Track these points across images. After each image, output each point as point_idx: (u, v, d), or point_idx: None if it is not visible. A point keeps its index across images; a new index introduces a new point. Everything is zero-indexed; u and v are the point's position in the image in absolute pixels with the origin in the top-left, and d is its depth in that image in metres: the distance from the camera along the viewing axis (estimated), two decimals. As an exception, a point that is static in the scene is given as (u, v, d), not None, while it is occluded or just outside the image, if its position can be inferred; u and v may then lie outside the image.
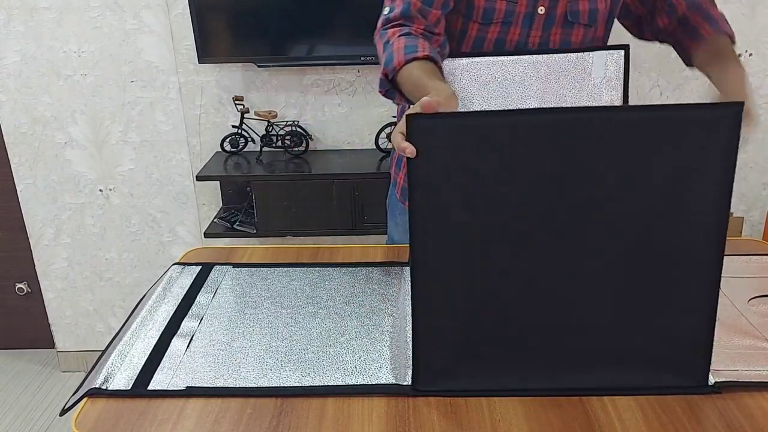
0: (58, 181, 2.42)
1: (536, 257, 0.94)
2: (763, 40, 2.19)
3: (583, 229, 0.92)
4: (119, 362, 1.01)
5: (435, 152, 0.89)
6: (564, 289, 0.95)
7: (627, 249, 0.92)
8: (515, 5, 1.21)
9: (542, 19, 1.23)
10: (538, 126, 0.87)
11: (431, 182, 0.92)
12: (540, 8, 1.21)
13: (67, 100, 2.31)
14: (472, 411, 0.90)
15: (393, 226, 1.53)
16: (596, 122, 0.87)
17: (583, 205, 0.91)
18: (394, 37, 1.16)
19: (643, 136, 0.86)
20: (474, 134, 0.88)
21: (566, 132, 0.87)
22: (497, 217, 0.92)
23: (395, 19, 1.18)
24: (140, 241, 2.51)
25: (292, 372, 0.98)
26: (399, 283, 1.21)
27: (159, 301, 1.18)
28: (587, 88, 1.19)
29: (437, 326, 0.95)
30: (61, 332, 2.67)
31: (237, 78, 2.27)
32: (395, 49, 1.13)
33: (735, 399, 0.91)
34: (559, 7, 1.22)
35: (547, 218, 0.92)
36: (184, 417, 0.90)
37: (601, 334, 0.95)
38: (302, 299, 1.17)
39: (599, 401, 0.91)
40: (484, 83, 1.18)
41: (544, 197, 0.91)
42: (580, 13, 1.23)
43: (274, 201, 2.17)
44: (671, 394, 0.92)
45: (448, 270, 0.95)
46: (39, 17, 2.21)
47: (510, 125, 0.88)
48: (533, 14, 1.22)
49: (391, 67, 1.12)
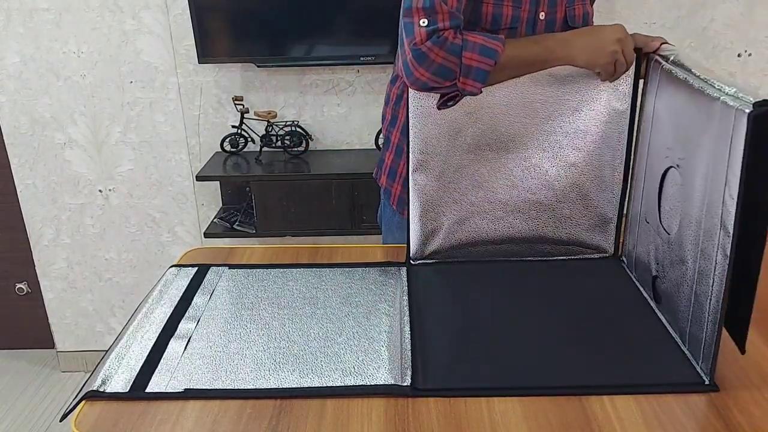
0: (57, 181, 2.42)
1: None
2: (761, 39, 2.19)
3: None
4: (116, 365, 1.01)
5: None
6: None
7: None
8: (520, 10, 1.23)
9: (543, 24, 1.25)
10: None
11: None
12: (541, 14, 1.24)
13: (66, 101, 2.31)
14: (471, 411, 0.90)
15: (390, 241, 1.50)
16: None
17: None
18: (458, 37, 1.15)
19: None
20: None
21: None
22: None
23: (445, 29, 1.16)
24: (140, 241, 2.51)
25: (290, 373, 0.98)
26: (397, 284, 1.21)
27: (156, 303, 1.18)
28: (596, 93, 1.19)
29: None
30: (61, 332, 2.67)
31: (236, 78, 2.27)
32: (480, 41, 1.14)
33: (734, 398, 0.91)
34: (558, 12, 1.26)
35: None
36: (183, 417, 0.90)
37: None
38: (299, 300, 1.17)
39: (598, 401, 0.91)
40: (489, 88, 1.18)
41: None
42: (576, 17, 1.28)
43: (274, 201, 2.17)
44: (670, 392, 0.92)
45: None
46: (38, 18, 2.21)
47: None
48: (535, 20, 1.25)
49: (496, 55, 1.14)
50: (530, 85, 1.19)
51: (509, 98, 1.19)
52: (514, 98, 1.19)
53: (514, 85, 1.18)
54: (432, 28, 1.16)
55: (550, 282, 1.14)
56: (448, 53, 1.15)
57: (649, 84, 1.15)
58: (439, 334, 0.97)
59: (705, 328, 0.93)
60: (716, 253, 0.89)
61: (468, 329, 0.97)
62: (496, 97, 1.19)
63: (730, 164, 0.85)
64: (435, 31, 1.16)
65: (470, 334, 0.96)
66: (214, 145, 2.34)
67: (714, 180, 0.90)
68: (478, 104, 1.19)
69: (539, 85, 1.19)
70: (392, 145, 1.42)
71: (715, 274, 0.90)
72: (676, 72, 1.04)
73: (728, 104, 0.86)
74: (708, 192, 0.91)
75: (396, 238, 1.46)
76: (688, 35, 2.19)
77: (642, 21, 2.17)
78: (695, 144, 0.95)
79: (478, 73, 1.15)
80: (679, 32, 2.18)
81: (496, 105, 1.19)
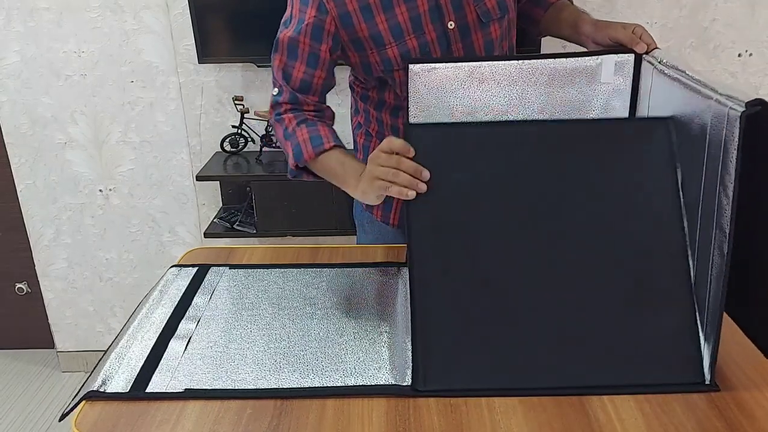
0: (58, 181, 2.42)
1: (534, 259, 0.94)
2: (762, 39, 2.19)
3: (575, 230, 0.94)
4: (117, 365, 1.01)
5: (430, 157, 0.98)
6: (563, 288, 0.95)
7: (627, 250, 0.92)
8: (424, 35, 1.24)
9: (456, 33, 1.25)
10: (509, 135, 1.03)
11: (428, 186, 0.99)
12: (449, 23, 1.24)
13: (67, 101, 2.31)
14: (472, 411, 0.90)
15: (363, 235, 1.55)
16: (558, 132, 1.05)
17: (570, 208, 0.98)
18: (292, 124, 1.24)
19: (601, 144, 1.02)
20: (462, 141, 1.01)
21: (534, 141, 1.02)
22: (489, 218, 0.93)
23: (284, 103, 1.26)
24: (140, 241, 2.51)
25: (290, 373, 0.98)
26: (397, 284, 1.21)
27: (156, 303, 1.18)
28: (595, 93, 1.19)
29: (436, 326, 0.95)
30: (61, 332, 2.67)
31: (237, 78, 2.27)
32: (301, 141, 1.21)
33: (734, 397, 0.91)
34: (468, 15, 1.25)
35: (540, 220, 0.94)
36: (183, 417, 0.90)
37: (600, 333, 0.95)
38: (299, 300, 1.17)
39: (599, 401, 0.91)
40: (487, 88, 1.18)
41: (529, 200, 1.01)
42: (490, 11, 1.26)
43: (274, 201, 2.17)
44: (671, 392, 0.91)
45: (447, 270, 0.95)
46: (39, 18, 2.21)
47: (483, 134, 1.03)
48: (445, 32, 1.25)
49: (301, 160, 1.21)
50: (530, 85, 1.18)
51: (509, 98, 1.19)
52: (514, 98, 1.19)
53: (514, 85, 1.18)
54: (275, 100, 1.28)
55: None
56: (281, 134, 1.27)
57: (642, 86, 1.15)
58: None
59: (705, 328, 0.93)
60: (713, 253, 0.89)
61: None
62: (496, 97, 1.19)
63: (724, 163, 0.85)
64: (278, 105, 1.27)
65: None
66: (215, 145, 2.34)
67: (709, 179, 0.90)
68: (478, 104, 1.19)
69: (539, 85, 1.18)
70: (359, 146, 1.47)
71: (711, 274, 0.90)
72: (669, 73, 1.04)
73: (722, 103, 0.86)
74: (703, 192, 0.91)
75: (368, 233, 1.49)
76: (689, 35, 2.19)
77: (643, 21, 2.16)
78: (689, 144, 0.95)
79: (289, 169, 1.27)
80: (680, 32, 2.18)
81: (495, 105, 1.19)
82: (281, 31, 1.27)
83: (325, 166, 1.21)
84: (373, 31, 1.23)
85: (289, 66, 1.25)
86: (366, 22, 1.23)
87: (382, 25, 1.23)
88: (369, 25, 1.23)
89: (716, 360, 0.92)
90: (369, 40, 1.24)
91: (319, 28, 1.22)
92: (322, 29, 1.22)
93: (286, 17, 1.28)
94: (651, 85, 1.11)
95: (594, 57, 1.17)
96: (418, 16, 1.23)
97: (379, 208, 1.44)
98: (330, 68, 1.26)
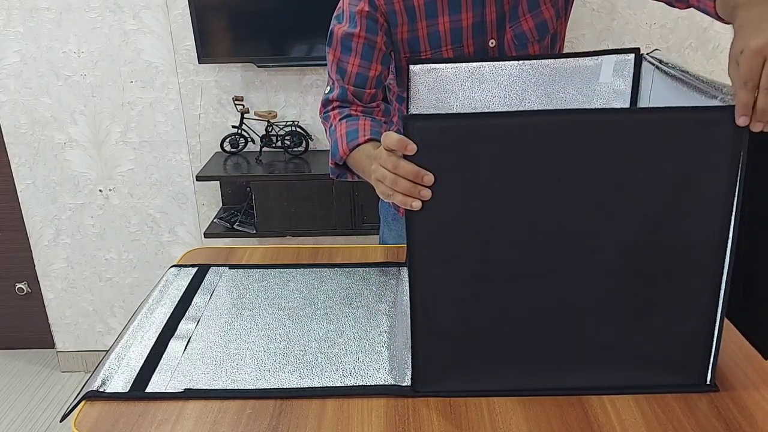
0: (57, 181, 2.42)
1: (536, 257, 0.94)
2: (763, 39, 2.19)
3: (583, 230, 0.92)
4: (116, 365, 1.01)
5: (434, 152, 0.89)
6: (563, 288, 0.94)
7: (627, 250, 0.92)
8: (462, 48, 1.23)
9: (495, 51, 1.25)
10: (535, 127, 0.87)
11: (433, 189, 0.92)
12: (491, 41, 1.24)
13: (66, 101, 2.31)
14: (471, 411, 0.90)
15: (387, 231, 1.53)
16: (593, 124, 0.87)
17: (582, 206, 0.91)
18: (335, 121, 1.22)
19: (641, 138, 0.86)
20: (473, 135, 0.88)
21: (563, 134, 0.87)
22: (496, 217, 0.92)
23: (333, 100, 1.25)
24: (140, 241, 2.51)
25: (290, 374, 0.98)
26: (397, 284, 1.21)
27: (156, 303, 1.18)
28: (595, 93, 1.19)
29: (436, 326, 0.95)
30: (61, 332, 2.67)
31: (237, 78, 2.27)
32: (338, 137, 1.19)
33: (734, 398, 0.91)
34: (508, 34, 1.24)
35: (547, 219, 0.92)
36: (183, 417, 0.90)
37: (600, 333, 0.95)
38: (299, 300, 1.17)
39: (599, 401, 0.91)
40: (488, 88, 1.18)
41: (543, 198, 0.91)
42: (526, 33, 1.25)
43: (274, 201, 2.17)
44: (670, 392, 0.92)
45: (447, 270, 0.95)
46: (38, 17, 2.21)
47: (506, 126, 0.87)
48: (485, 49, 1.24)
49: (337, 157, 1.19)
50: (530, 85, 1.19)
51: (509, 98, 1.19)
52: (514, 98, 1.19)
53: (514, 85, 1.18)
54: (325, 98, 1.26)
55: None
56: (327, 132, 1.25)
57: (642, 86, 1.15)
58: None
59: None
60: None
61: None
62: (496, 97, 1.19)
63: None
64: (327, 102, 1.26)
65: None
66: (215, 145, 2.34)
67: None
68: (478, 104, 1.19)
69: (539, 85, 1.19)
70: None
71: (715, 274, 0.90)
72: (671, 72, 1.03)
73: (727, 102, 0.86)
74: None
75: (392, 229, 1.48)
76: (689, 35, 2.19)
77: (643, 21, 2.17)
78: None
79: (330, 168, 1.25)
80: (680, 32, 2.18)
81: (495, 105, 1.19)
82: (334, 24, 1.26)
83: (357, 161, 1.15)
84: (412, 36, 1.23)
85: (344, 62, 1.23)
86: (407, 25, 1.22)
87: (422, 32, 1.22)
88: (410, 28, 1.22)
89: (716, 361, 0.92)
90: (405, 44, 1.24)
91: (373, 21, 1.21)
92: (376, 21, 1.21)
93: (338, 11, 1.27)
94: (652, 85, 1.11)
95: (594, 57, 1.17)
96: (460, 30, 1.22)
97: None
98: (385, 61, 1.25)
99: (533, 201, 0.91)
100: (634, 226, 0.90)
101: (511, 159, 0.89)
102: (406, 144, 0.84)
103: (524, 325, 0.95)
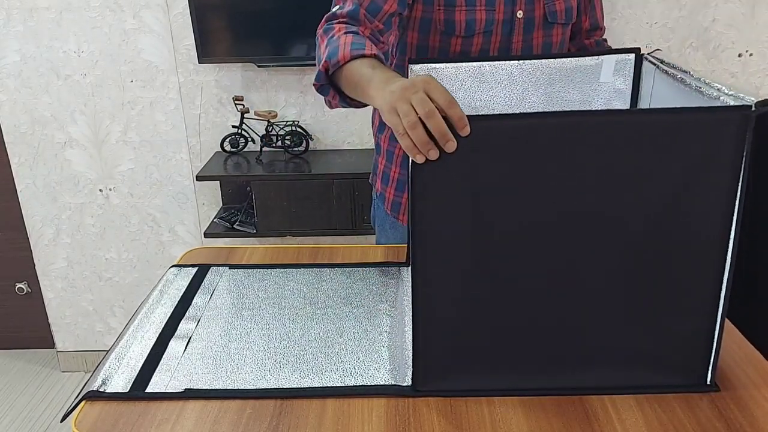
0: (57, 181, 2.42)
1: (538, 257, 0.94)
2: (762, 39, 2.19)
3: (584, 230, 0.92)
4: (116, 365, 1.01)
5: None
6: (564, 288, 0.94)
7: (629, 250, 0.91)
8: (494, 12, 1.22)
9: (521, 24, 1.24)
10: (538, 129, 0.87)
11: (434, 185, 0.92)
12: (519, 12, 1.23)
13: (66, 100, 2.31)
14: (472, 411, 0.90)
15: (384, 240, 1.51)
16: (597, 125, 0.86)
17: (583, 206, 0.91)
18: (340, 32, 1.09)
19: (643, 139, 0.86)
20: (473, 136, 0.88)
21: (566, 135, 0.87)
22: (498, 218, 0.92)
23: (342, 16, 1.14)
24: (140, 240, 2.50)
25: (290, 373, 0.98)
26: (397, 284, 1.21)
27: (156, 303, 1.18)
28: (595, 93, 1.19)
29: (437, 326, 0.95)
30: (61, 332, 2.67)
31: (237, 78, 2.27)
32: (341, 44, 1.05)
33: (735, 398, 0.91)
34: (537, 10, 1.24)
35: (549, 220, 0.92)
36: (183, 417, 0.90)
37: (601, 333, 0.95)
38: (300, 300, 1.17)
39: (599, 401, 0.91)
40: (488, 88, 1.18)
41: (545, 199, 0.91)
42: (557, 13, 1.26)
43: (274, 201, 2.17)
44: (671, 392, 0.91)
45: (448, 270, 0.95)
46: (38, 17, 2.21)
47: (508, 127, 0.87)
48: (512, 19, 1.24)
49: (334, 60, 1.03)
50: (530, 85, 1.18)
51: (509, 98, 1.19)
52: (515, 98, 1.19)
53: (514, 85, 1.18)
54: (332, 13, 1.15)
55: None
56: (323, 42, 1.09)
57: (643, 86, 1.15)
58: None
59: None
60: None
61: None
62: (496, 97, 1.19)
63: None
64: (333, 16, 1.14)
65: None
66: (215, 145, 2.34)
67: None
68: (478, 104, 1.19)
69: (539, 85, 1.19)
70: (383, 151, 1.43)
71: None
72: (672, 73, 1.03)
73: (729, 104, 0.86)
74: None
75: (389, 237, 1.47)
76: (689, 35, 2.19)
77: (644, 21, 2.17)
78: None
79: (318, 71, 1.08)
80: (681, 32, 2.18)
81: (495, 105, 1.19)
82: None
83: (354, 72, 1.01)
84: None
85: None
86: None
87: None
88: None
89: (717, 361, 0.92)
90: None
91: None
92: None
93: None
94: (652, 85, 1.11)
95: (594, 57, 1.17)
96: None
97: (405, 212, 1.38)
98: (402, 2, 1.17)
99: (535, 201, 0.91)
100: (635, 226, 0.90)
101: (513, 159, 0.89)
102: (452, 104, 0.81)
103: (525, 325, 0.95)
